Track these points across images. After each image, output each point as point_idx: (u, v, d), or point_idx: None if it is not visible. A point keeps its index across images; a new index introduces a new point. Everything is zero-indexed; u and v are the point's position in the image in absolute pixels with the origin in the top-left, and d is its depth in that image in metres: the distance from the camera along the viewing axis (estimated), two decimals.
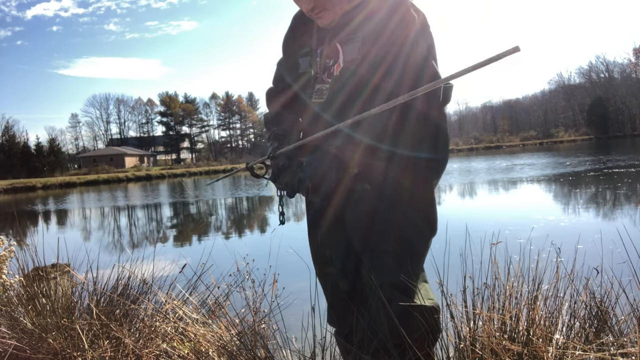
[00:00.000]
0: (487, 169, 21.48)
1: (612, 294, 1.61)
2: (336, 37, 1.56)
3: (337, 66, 1.56)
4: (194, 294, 2.28)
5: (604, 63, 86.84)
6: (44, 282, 2.39)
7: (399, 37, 1.43)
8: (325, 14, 1.53)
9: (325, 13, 1.53)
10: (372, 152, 1.48)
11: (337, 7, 1.52)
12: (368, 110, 1.42)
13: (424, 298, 1.44)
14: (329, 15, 1.54)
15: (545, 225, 6.64)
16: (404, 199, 1.51)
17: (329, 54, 1.58)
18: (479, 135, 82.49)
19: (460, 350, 1.47)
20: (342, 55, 1.54)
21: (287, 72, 1.75)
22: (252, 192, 19.29)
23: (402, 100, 1.28)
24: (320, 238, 1.69)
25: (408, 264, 1.44)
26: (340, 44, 1.54)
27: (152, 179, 43.31)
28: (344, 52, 1.53)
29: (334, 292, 1.67)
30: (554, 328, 1.49)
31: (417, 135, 1.49)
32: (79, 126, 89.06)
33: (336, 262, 1.65)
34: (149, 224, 12.63)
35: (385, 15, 1.46)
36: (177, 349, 1.84)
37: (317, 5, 1.51)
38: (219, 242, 7.73)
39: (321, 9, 1.52)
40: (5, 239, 2.95)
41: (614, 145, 41.43)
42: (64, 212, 18.08)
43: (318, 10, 1.53)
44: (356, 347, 1.52)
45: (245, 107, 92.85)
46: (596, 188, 11.29)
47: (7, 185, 36.30)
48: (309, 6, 1.52)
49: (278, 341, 1.87)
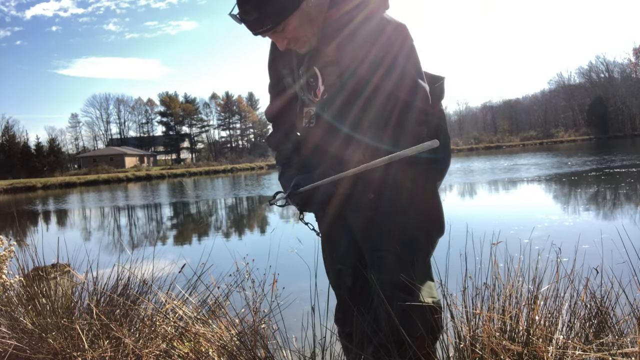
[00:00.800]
0: (489, 169, 21.48)
1: (612, 294, 1.61)
2: (314, 61, 1.57)
3: (318, 91, 1.58)
4: (194, 294, 2.28)
5: (604, 63, 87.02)
6: (44, 282, 2.39)
7: (399, 37, 1.43)
8: (301, 44, 1.54)
9: (300, 43, 1.54)
10: (373, 152, 1.48)
11: (309, 34, 1.52)
12: (367, 109, 1.42)
13: (425, 296, 1.44)
14: (305, 44, 1.55)
15: (547, 225, 6.64)
16: (404, 198, 1.51)
17: (309, 73, 1.60)
18: (479, 135, 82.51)
19: (460, 350, 1.47)
20: (321, 79, 1.56)
21: (276, 93, 1.78)
22: (252, 192, 19.29)
23: (403, 156, 1.25)
24: (327, 236, 1.72)
25: (409, 263, 1.45)
26: (319, 69, 1.56)
27: (152, 179, 43.33)
28: (323, 76, 1.56)
29: (341, 290, 1.68)
30: (554, 328, 1.49)
31: (417, 135, 1.49)
32: (79, 126, 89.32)
33: (339, 259, 1.66)
34: (149, 224, 12.63)
35: (380, 18, 1.46)
36: (177, 349, 1.84)
37: (290, 41, 1.53)
38: (219, 242, 7.73)
39: (295, 42, 1.53)
40: (5, 239, 2.95)
41: (614, 145, 41.43)
42: (64, 212, 18.09)
43: (293, 44, 1.54)
44: (356, 346, 1.52)
45: (245, 107, 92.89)
46: (598, 188, 11.29)
47: (7, 185, 36.32)
48: (283, 43, 1.53)
49: (278, 341, 1.87)
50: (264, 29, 1.46)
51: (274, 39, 1.55)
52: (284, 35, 1.50)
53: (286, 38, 1.51)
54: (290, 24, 1.47)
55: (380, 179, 1.50)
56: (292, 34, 1.50)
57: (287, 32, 1.49)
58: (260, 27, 1.45)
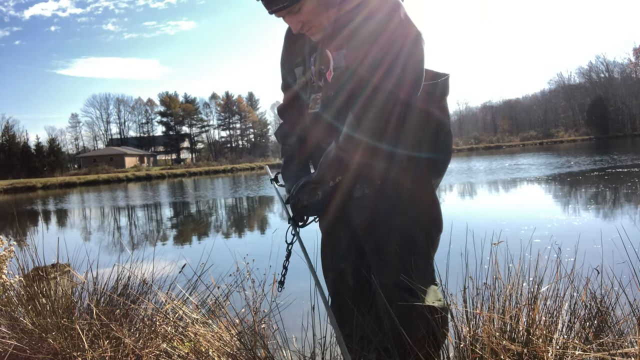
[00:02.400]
0: (489, 170, 21.47)
1: (612, 294, 1.61)
2: (327, 44, 1.55)
3: (329, 73, 1.56)
4: (194, 294, 2.28)
5: (604, 63, 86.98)
6: (44, 282, 2.39)
7: (399, 37, 1.41)
8: (315, 30, 1.53)
9: (314, 29, 1.53)
10: (373, 152, 1.47)
11: (324, 21, 1.51)
12: (368, 109, 1.42)
13: (431, 299, 1.44)
14: (318, 31, 1.53)
15: (548, 225, 6.63)
16: (404, 199, 1.50)
17: (322, 60, 1.58)
18: (479, 135, 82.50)
19: (460, 350, 1.47)
20: (333, 63, 1.53)
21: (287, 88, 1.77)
22: (252, 192, 19.28)
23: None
24: (328, 238, 1.71)
25: (411, 264, 1.44)
26: (331, 51, 1.54)
27: (152, 179, 43.32)
28: (334, 60, 1.53)
29: (337, 292, 1.68)
30: (554, 328, 1.49)
31: (418, 134, 1.49)
32: (79, 126, 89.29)
33: (339, 261, 1.65)
34: (149, 224, 12.63)
35: (382, 16, 1.44)
36: (177, 349, 1.84)
37: (305, 24, 1.51)
38: (219, 242, 7.72)
39: (309, 26, 1.52)
40: (5, 239, 2.95)
41: (615, 145, 41.41)
42: (64, 212, 18.08)
43: (307, 28, 1.53)
44: (357, 346, 1.52)
45: (245, 107, 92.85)
46: (599, 188, 11.28)
47: (7, 185, 36.31)
48: (297, 27, 1.52)
49: (278, 341, 1.87)
50: (279, 7, 1.45)
51: (288, 20, 1.53)
52: (298, 17, 1.48)
53: (300, 21, 1.50)
54: (306, 6, 1.46)
55: (379, 176, 1.50)
56: (307, 17, 1.48)
57: (302, 15, 1.48)
58: (276, 4, 1.44)
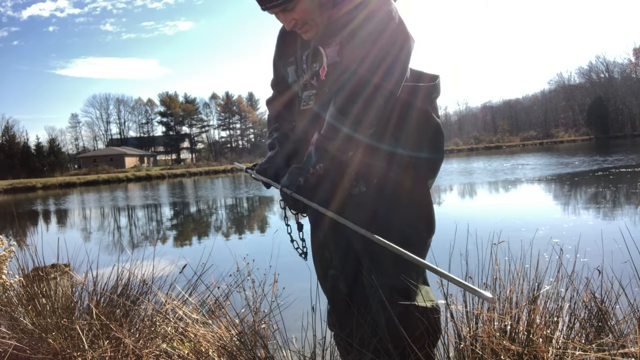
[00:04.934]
0: (489, 170, 21.46)
1: (613, 294, 1.61)
2: (322, 42, 1.54)
3: (322, 70, 1.54)
4: (194, 294, 2.28)
5: (604, 63, 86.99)
6: (44, 282, 2.38)
7: (399, 38, 1.41)
8: (308, 28, 1.52)
9: (308, 28, 1.52)
10: (373, 152, 1.47)
11: (317, 20, 1.51)
12: (368, 109, 1.41)
13: (424, 300, 1.44)
14: (312, 30, 1.53)
15: (548, 225, 6.63)
16: (403, 199, 1.50)
17: (314, 57, 1.56)
18: (479, 135, 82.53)
19: (460, 350, 1.47)
20: (326, 59, 1.52)
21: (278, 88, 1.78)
22: (252, 192, 19.29)
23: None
24: (320, 240, 1.69)
25: (408, 266, 1.44)
26: (323, 47, 1.52)
27: (152, 179, 43.32)
28: (328, 56, 1.51)
29: (334, 294, 1.67)
30: (554, 328, 1.49)
31: (418, 134, 1.49)
32: (79, 126, 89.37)
33: (336, 263, 1.65)
34: (149, 224, 12.62)
35: (383, 16, 1.43)
36: (177, 349, 1.84)
37: (298, 22, 1.51)
38: (219, 242, 7.73)
39: (302, 24, 1.51)
40: (5, 239, 2.95)
41: (615, 145, 41.40)
42: (64, 212, 18.08)
43: (300, 26, 1.52)
44: (355, 348, 1.52)
45: (245, 107, 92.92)
46: (599, 188, 11.28)
47: (7, 185, 36.32)
48: (290, 24, 1.51)
49: (278, 341, 1.87)
50: (274, 3, 1.44)
51: (282, 18, 1.52)
52: (292, 15, 1.48)
53: (294, 19, 1.49)
54: (302, 4, 1.45)
55: (379, 175, 1.49)
56: (301, 15, 1.48)
57: (296, 13, 1.47)
58: (270, 0, 1.44)
